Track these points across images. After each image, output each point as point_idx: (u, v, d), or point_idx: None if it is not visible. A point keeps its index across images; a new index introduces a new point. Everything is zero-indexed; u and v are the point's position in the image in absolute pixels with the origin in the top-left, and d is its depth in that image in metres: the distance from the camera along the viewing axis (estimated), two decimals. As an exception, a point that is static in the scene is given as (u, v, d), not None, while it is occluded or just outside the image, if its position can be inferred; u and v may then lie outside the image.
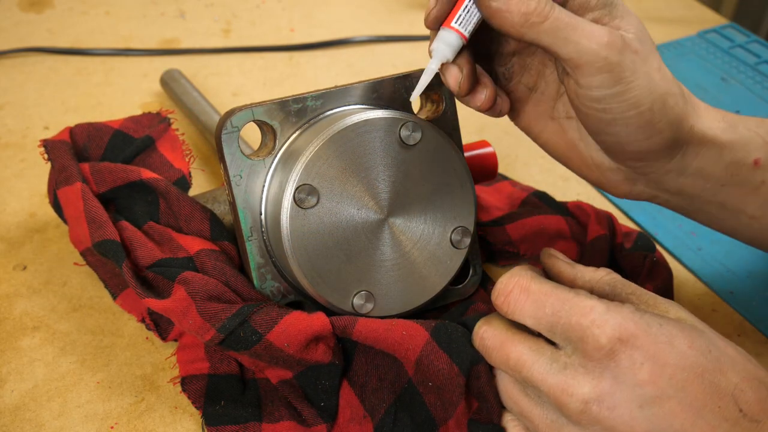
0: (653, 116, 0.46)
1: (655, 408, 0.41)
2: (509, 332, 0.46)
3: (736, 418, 0.41)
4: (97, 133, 0.61)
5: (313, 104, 0.52)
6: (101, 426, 0.51)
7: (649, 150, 0.48)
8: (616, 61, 0.44)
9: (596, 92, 0.45)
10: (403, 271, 0.52)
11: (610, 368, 0.41)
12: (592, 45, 0.44)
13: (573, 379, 0.41)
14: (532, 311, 0.44)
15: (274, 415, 0.50)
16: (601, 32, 0.44)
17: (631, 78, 0.45)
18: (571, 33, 0.44)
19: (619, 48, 0.44)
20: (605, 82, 0.45)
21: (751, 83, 0.87)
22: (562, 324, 0.43)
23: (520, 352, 0.44)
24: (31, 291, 0.60)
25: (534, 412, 0.45)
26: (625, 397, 0.41)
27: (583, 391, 0.41)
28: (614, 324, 0.41)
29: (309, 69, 0.89)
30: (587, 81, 0.45)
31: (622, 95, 0.45)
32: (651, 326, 0.42)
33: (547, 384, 0.42)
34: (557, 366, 0.42)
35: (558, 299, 0.43)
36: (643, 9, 1.03)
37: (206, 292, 0.50)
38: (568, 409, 0.42)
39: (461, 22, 0.46)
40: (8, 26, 0.92)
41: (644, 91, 0.45)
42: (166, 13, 0.97)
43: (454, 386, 0.47)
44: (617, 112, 0.46)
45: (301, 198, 0.49)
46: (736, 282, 0.65)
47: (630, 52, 0.45)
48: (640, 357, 0.41)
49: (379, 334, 0.49)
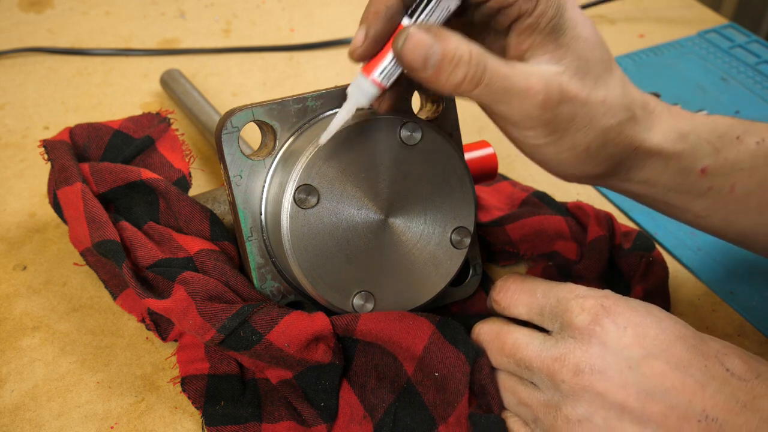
0: (589, 154, 0.47)
1: (644, 368, 0.42)
2: (504, 325, 0.49)
3: (724, 377, 0.42)
4: (96, 133, 0.61)
5: (313, 104, 0.52)
6: (101, 426, 0.51)
7: (587, 176, 0.49)
8: (550, 117, 0.44)
9: (531, 141, 0.46)
10: (403, 271, 0.52)
11: (596, 334, 0.44)
12: (525, 106, 0.43)
13: (564, 349, 0.44)
14: (524, 299, 0.48)
15: (274, 415, 0.50)
16: (537, 88, 0.43)
17: (566, 126, 0.45)
18: (504, 95, 0.43)
19: (555, 103, 0.44)
20: (540, 134, 0.45)
21: (751, 83, 0.87)
22: (550, 303, 0.47)
23: (515, 337, 0.47)
24: (31, 291, 0.60)
25: (531, 397, 0.46)
26: (614, 360, 0.43)
27: (574, 356, 0.43)
28: (596, 296, 0.45)
29: (309, 69, 0.89)
30: (521, 133, 0.46)
31: (556, 142, 0.46)
32: (628, 301, 0.46)
33: (540, 359, 0.45)
34: (549, 343, 0.45)
35: (547, 285, 0.48)
36: (643, 9, 1.04)
37: (206, 292, 0.50)
38: (561, 378, 0.44)
39: (384, 75, 0.44)
40: (8, 26, 0.92)
41: (580, 134, 0.45)
42: (166, 13, 0.97)
43: (460, 375, 0.47)
44: (552, 155, 0.47)
45: (301, 198, 0.49)
46: (736, 282, 0.65)
47: (567, 101, 0.44)
48: (623, 321, 0.44)
49: (383, 327, 0.49)
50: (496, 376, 0.48)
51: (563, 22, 0.44)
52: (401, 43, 0.41)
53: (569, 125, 0.45)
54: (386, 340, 0.50)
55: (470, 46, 0.42)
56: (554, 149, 0.46)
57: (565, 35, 0.44)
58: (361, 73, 0.45)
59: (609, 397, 0.42)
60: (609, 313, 0.44)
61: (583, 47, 0.45)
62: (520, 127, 0.45)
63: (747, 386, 0.41)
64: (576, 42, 0.44)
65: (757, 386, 0.41)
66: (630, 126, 0.47)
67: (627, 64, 0.91)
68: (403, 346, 0.49)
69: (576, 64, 0.44)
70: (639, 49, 0.93)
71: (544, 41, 0.44)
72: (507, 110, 0.44)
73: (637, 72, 0.89)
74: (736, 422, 0.40)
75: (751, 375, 0.42)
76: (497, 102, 0.44)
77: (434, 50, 0.41)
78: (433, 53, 0.41)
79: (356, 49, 0.44)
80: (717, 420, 0.41)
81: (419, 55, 0.41)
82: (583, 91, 0.44)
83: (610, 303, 0.45)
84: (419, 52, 0.41)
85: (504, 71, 0.43)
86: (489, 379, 0.48)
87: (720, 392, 0.41)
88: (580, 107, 0.45)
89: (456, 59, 0.41)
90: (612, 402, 0.42)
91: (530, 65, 0.44)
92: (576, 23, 0.44)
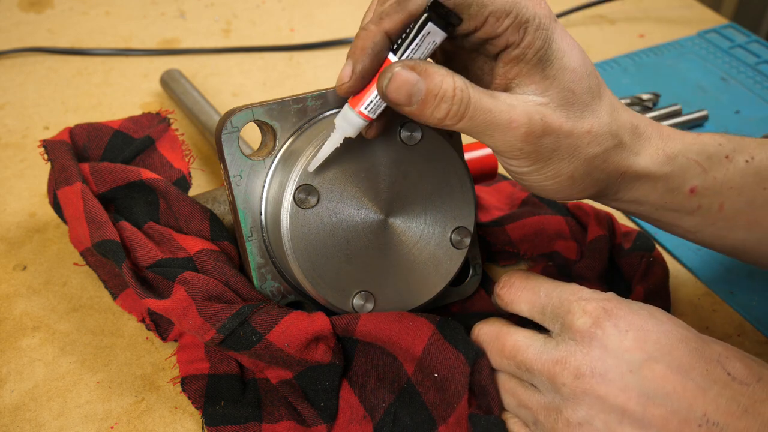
0: (574, 181, 0.47)
1: (645, 371, 0.42)
2: (504, 326, 0.49)
3: (725, 381, 0.42)
4: (96, 133, 0.61)
5: (313, 104, 0.52)
6: (101, 426, 0.51)
7: (573, 198, 0.49)
8: (533, 149, 0.45)
9: (515, 168, 0.47)
10: (403, 271, 0.52)
11: (597, 337, 0.43)
12: (508, 138, 0.44)
13: (565, 352, 0.44)
14: (527, 297, 0.48)
15: (273, 415, 0.50)
16: (520, 121, 0.43)
17: (549, 156, 0.45)
18: (487, 128, 0.44)
19: (537, 135, 0.44)
20: (523, 163, 0.46)
21: (751, 83, 0.87)
22: (552, 303, 0.46)
23: (515, 339, 0.47)
24: (31, 291, 0.60)
25: (531, 399, 0.46)
26: (615, 363, 0.43)
27: (575, 359, 0.43)
28: (597, 298, 0.45)
29: (309, 69, 0.89)
30: (506, 161, 0.47)
31: (539, 171, 0.46)
32: (630, 304, 0.45)
33: (540, 361, 0.45)
34: (550, 345, 0.45)
35: (551, 285, 0.48)
36: (643, 9, 1.04)
37: (206, 292, 0.50)
38: (562, 381, 0.43)
39: (370, 108, 0.45)
40: (8, 26, 0.92)
41: (564, 163, 0.46)
42: (166, 13, 0.97)
43: (460, 376, 0.47)
44: (537, 181, 0.47)
45: (301, 198, 0.49)
46: (736, 282, 0.65)
47: (550, 134, 0.44)
48: (624, 325, 0.44)
49: (383, 328, 0.49)
50: (496, 378, 0.48)
51: (550, 53, 0.44)
52: (386, 82, 0.42)
53: (552, 155, 0.45)
54: (386, 341, 0.50)
55: (455, 80, 0.43)
56: (538, 177, 0.47)
57: (551, 66, 0.44)
58: (348, 105, 0.45)
59: (610, 401, 0.42)
60: (610, 316, 0.44)
61: (570, 78, 0.45)
62: (503, 156, 0.46)
63: (748, 390, 0.41)
64: (562, 73, 0.44)
65: (759, 390, 0.41)
66: (616, 152, 0.47)
67: (627, 64, 0.91)
68: (403, 347, 0.49)
69: (561, 95, 0.45)
70: (639, 49, 0.93)
71: (530, 71, 0.44)
72: (490, 141, 0.45)
73: (637, 72, 0.89)
74: (737, 426, 0.40)
75: (752, 379, 0.42)
76: (481, 134, 0.44)
77: (418, 87, 0.42)
78: (417, 90, 0.42)
79: (343, 85, 0.45)
80: (718, 424, 0.40)
81: (403, 94, 0.42)
82: (567, 122, 0.45)
83: (611, 306, 0.45)
84: (404, 90, 0.42)
85: (487, 105, 0.43)
86: (489, 380, 0.48)
87: (721, 396, 0.41)
88: (564, 138, 0.45)
89: (440, 96, 0.42)
90: (612, 405, 0.42)
91: (515, 96, 0.44)
92: (563, 54, 0.44)
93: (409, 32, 0.43)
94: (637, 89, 0.86)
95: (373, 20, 0.44)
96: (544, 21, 0.43)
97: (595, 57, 0.93)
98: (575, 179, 0.47)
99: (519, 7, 0.43)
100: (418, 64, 0.42)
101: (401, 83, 0.42)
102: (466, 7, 0.42)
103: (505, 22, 0.43)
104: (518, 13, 0.43)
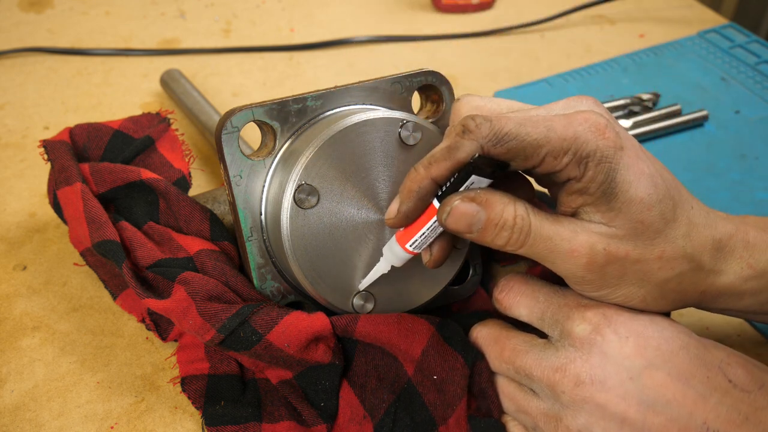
0: (647, 304, 0.45)
1: (645, 379, 0.42)
2: (503, 330, 0.48)
3: (726, 388, 0.41)
4: (96, 133, 0.61)
5: (313, 104, 0.52)
6: (101, 426, 0.51)
7: None
8: (596, 277, 0.44)
9: (585, 293, 0.46)
10: (403, 271, 0.52)
11: (597, 344, 0.43)
12: (569, 266, 0.43)
13: (564, 359, 0.44)
14: (526, 302, 0.48)
15: (274, 415, 0.50)
16: (581, 251, 0.42)
17: (616, 282, 0.44)
18: (548, 255, 0.43)
19: (600, 264, 0.43)
20: (589, 289, 0.45)
21: (751, 83, 0.87)
22: (552, 309, 0.46)
23: (514, 343, 0.47)
24: (31, 291, 0.60)
25: (531, 405, 0.46)
26: (615, 371, 0.42)
27: (575, 366, 0.43)
28: (598, 306, 0.45)
29: (309, 69, 0.89)
30: (571, 285, 0.46)
31: (607, 296, 0.45)
32: (631, 310, 0.45)
33: (540, 368, 0.44)
34: (549, 351, 0.45)
35: (550, 290, 0.47)
36: (643, 9, 1.04)
37: (206, 292, 0.50)
38: (561, 389, 0.43)
39: (415, 245, 0.46)
40: (8, 26, 0.92)
41: (633, 288, 0.44)
42: (166, 13, 0.97)
43: (458, 378, 0.47)
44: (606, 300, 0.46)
45: (301, 198, 0.49)
46: (736, 282, 0.65)
47: (615, 262, 0.43)
48: (625, 331, 0.43)
49: (382, 330, 0.49)
50: (495, 380, 0.48)
51: (614, 186, 0.42)
52: (445, 216, 0.43)
53: (620, 281, 0.44)
54: (385, 342, 0.50)
55: (516, 208, 0.42)
56: (608, 300, 0.45)
57: (616, 199, 0.42)
58: (395, 238, 0.47)
59: (609, 409, 0.42)
60: (610, 322, 0.44)
61: (638, 209, 0.42)
62: (568, 280, 0.45)
63: (749, 398, 0.41)
64: (629, 206, 0.42)
65: (760, 398, 0.41)
66: (694, 275, 0.45)
67: (627, 64, 0.91)
68: (402, 349, 0.49)
69: (630, 225, 0.43)
70: (639, 49, 0.93)
71: (596, 202, 0.43)
72: (553, 267, 0.44)
73: (637, 72, 0.89)
74: None
75: (754, 386, 0.41)
76: (543, 260, 0.44)
77: (479, 218, 0.43)
78: (477, 220, 0.43)
79: (390, 219, 0.46)
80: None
81: (463, 224, 0.43)
82: (635, 251, 0.43)
83: (611, 312, 0.44)
84: (463, 222, 0.43)
85: (547, 232, 0.43)
86: (488, 383, 0.48)
87: (722, 404, 0.41)
88: (631, 265, 0.43)
89: (500, 225, 0.43)
90: (612, 413, 0.42)
91: (580, 223, 0.43)
92: (629, 185, 0.42)
93: (455, 182, 0.43)
94: (637, 89, 0.86)
95: (423, 162, 0.44)
96: (607, 153, 0.41)
97: (595, 57, 0.93)
98: (648, 301, 0.45)
99: (578, 142, 0.41)
100: (478, 194, 0.42)
101: (460, 215, 0.42)
102: (519, 152, 0.41)
103: (564, 160, 0.42)
104: (577, 149, 0.41)
